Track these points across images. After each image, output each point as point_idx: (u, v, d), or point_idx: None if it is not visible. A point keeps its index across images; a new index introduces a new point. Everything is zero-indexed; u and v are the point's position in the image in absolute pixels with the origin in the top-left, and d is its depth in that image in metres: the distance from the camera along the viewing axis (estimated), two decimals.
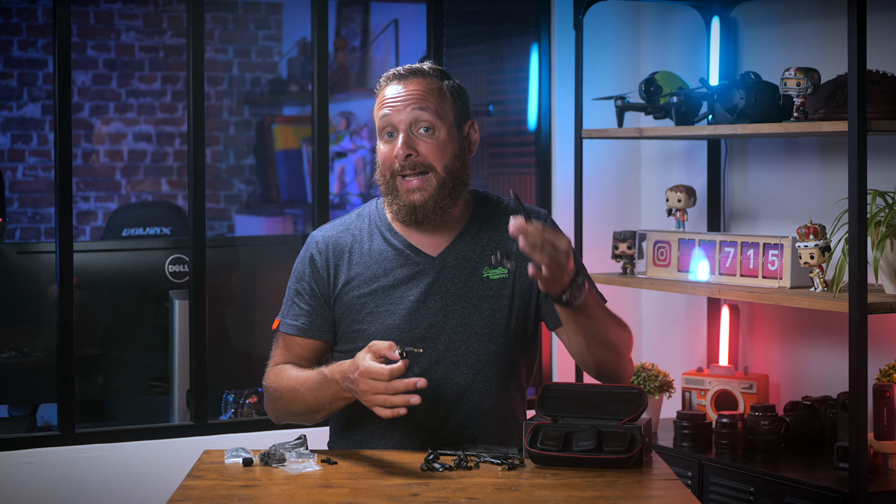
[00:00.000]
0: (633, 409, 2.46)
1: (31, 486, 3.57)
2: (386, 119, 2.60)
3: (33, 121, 6.36)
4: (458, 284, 2.61)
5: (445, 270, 2.62)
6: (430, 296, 2.60)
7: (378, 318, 2.60)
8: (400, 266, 2.62)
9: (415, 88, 2.61)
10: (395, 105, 2.59)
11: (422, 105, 2.59)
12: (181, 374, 3.76)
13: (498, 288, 2.62)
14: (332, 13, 6.11)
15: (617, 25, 4.37)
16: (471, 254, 2.64)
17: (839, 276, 3.24)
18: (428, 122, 2.59)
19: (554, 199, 4.33)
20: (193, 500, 2.21)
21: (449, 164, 2.60)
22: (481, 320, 2.60)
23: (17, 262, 3.71)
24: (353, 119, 6.25)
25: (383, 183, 2.62)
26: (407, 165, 2.57)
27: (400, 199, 2.60)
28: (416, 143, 2.58)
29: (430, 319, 2.59)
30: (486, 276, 2.63)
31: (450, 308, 2.60)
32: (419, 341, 2.57)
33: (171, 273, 3.80)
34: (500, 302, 2.62)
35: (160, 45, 6.51)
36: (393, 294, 2.61)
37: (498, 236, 2.66)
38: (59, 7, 3.60)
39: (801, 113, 3.31)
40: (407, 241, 2.64)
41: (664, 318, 4.36)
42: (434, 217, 2.60)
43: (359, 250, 2.65)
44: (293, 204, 6.43)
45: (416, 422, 2.56)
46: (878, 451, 3.26)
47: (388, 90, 2.62)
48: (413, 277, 2.61)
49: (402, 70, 2.64)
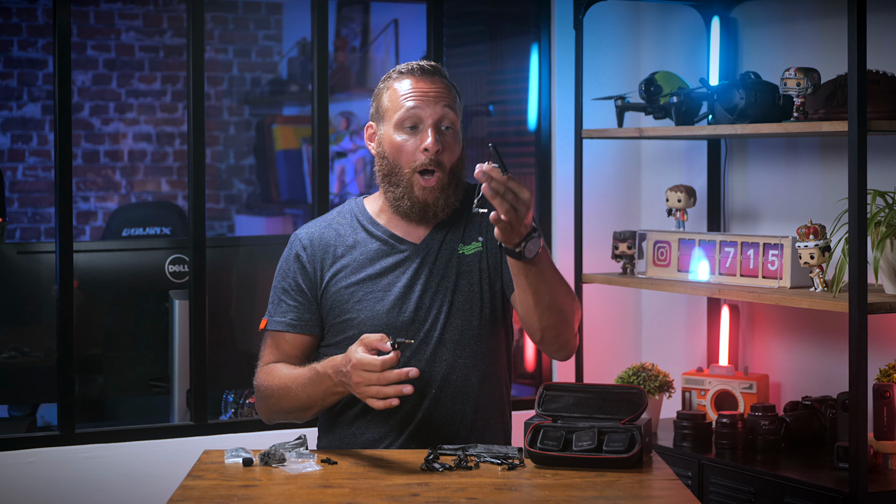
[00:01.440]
0: (633, 409, 2.46)
1: (31, 486, 3.57)
2: (413, 111, 2.61)
3: (33, 121, 6.36)
4: (441, 266, 2.66)
5: (429, 255, 2.66)
6: (417, 280, 2.64)
7: (367, 305, 2.63)
8: (385, 255, 2.66)
9: (441, 86, 2.65)
10: (426, 99, 2.62)
11: (449, 103, 2.63)
12: (181, 374, 3.76)
13: (474, 262, 2.67)
14: (332, 13, 6.11)
15: (617, 25, 4.37)
16: (451, 236, 2.68)
17: (839, 276, 3.24)
18: (451, 121, 2.63)
19: (554, 199, 4.33)
20: (193, 500, 2.21)
21: (456, 165, 2.64)
22: (462, 297, 2.65)
23: (17, 262, 3.71)
24: (353, 119, 6.25)
25: (395, 174, 2.63)
26: (433, 161, 2.60)
27: (413, 196, 2.62)
28: (442, 139, 2.62)
29: (417, 302, 2.62)
30: (462, 252, 2.67)
31: (435, 290, 2.64)
32: (407, 324, 2.61)
33: (171, 273, 3.80)
34: (476, 276, 2.66)
35: (160, 45, 6.51)
36: (380, 282, 2.64)
37: (472, 215, 2.68)
38: (59, 7, 3.60)
39: (801, 113, 3.31)
40: (390, 232, 2.68)
41: (664, 318, 4.36)
42: (441, 215, 2.65)
43: (343, 243, 2.68)
44: (293, 204, 6.43)
45: (407, 402, 2.57)
46: (878, 451, 3.26)
47: (413, 83, 2.64)
48: (399, 265, 2.65)
49: (427, 65, 2.66)
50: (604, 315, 4.35)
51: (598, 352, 4.28)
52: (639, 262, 3.95)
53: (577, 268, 3.92)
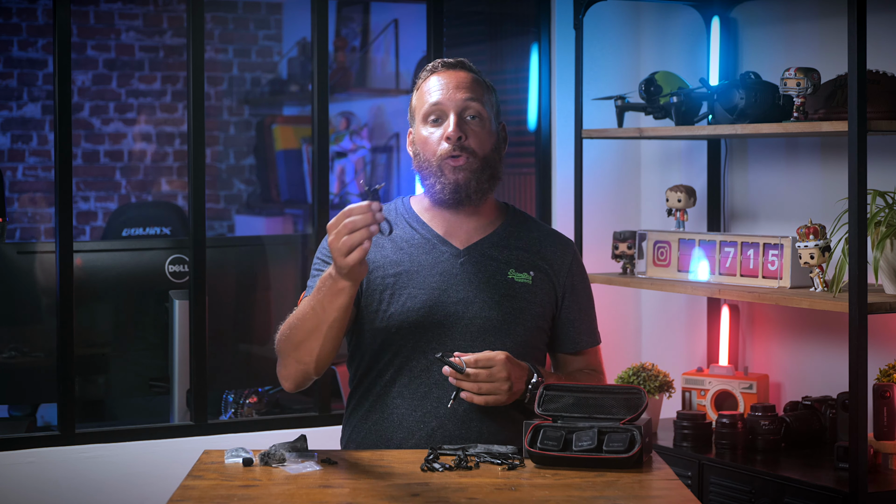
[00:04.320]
0: (633, 409, 2.46)
1: (31, 486, 3.57)
2: (436, 105, 2.64)
3: (33, 121, 6.36)
4: (482, 279, 2.65)
5: (469, 263, 2.65)
6: (453, 285, 2.63)
7: (399, 300, 2.62)
8: (425, 253, 2.65)
9: (465, 77, 2.67)
10: (447, 91, 2.64)
11: (472, 94, 2.65)
12: (181, 374, 3.76)
13: (521, 291, 2.66)
14: (332, 13, 6.11)
15: (617, 25, 4.37)
16: (498, 254, 2.68)
17: (839, 276, 3.24)
18: (476, 111, 2.65)
19: (554, 199, 4.33)
20: (193, 500, 2.21)
21: (489, 156, 2.65)
22: (501, 316, 2.63)
23: (17, 262, 3.71)
24: (353, 119, 6.25)
25: (426, 167, 2.65)
26: (456, 147, 2.61)
27: (444, 178, 2.63)
28: (465, 128, 2.63)
29: (451, 308, 2.62)
30: (511, 277, 2.67)
31: (471, 300, 2.63)
32: (438, 328, 2.60)
33: (171, 273, 3.80)
34: (522, 304, 2.66)
35: (160, 45, 6.51)
36: (416, 278, 2.63)
37: (529, 246, 2.71)
38: (59, 7, 3.60)
39: (801, 113, 3.31)
40: (434, 231, 2.68)
41: (664, 318, 4.36)
42: (476, 198, 2.65)
43: (383, 236, 2.66)
44: (293, 204, 6.43)
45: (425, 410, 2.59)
46: (878, 451, 3.26)
47: (436, 78, 2.67)
48: (437, 265, 2.65)
49: (450, 60, 2.70)
50: (604, 315, 4.33)
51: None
52: (639, 262, 3.95)
53: None
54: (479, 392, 2.50)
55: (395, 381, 2.63)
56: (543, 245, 2.73)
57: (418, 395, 2.61)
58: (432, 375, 2.60)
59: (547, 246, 2.73)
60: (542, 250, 2.72)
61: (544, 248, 2.73)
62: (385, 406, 2.64)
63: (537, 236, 2.74)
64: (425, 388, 2.61)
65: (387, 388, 2.64)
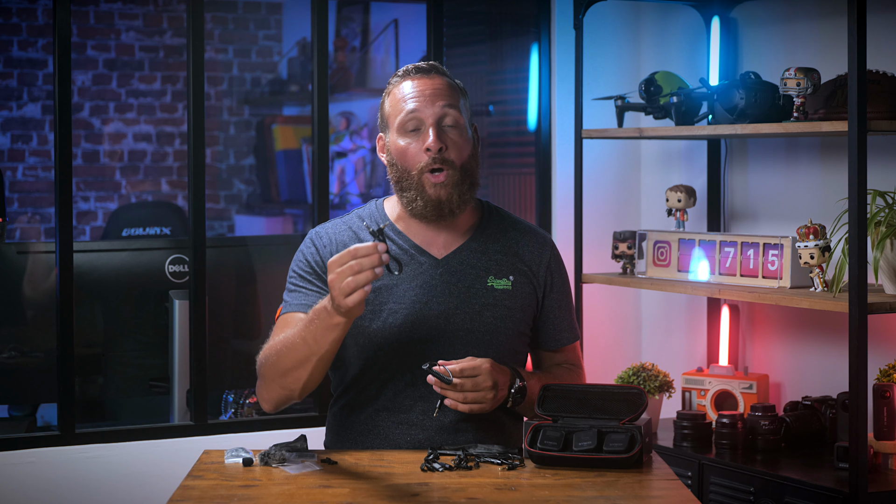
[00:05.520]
0: (633, 409, 2.46)
1: (31, 486, 3.57)
2: (412, 113, 2.57)
3: (33, 121, 6.36)
4: (462, 289, 2.61)
5: (449, 273, 2.62)
6: (433, 297, 2.60)
7: (380, 316, 2.59)
8: (403, 264, 2.60)
9: (440, 84, 2.60)
10: (424, 99, 2.57)
11: (449, 101, 2.58)
12: (181, 374, 3.76)
13: (501, 298, 2.63)
14: (332, 13, 6.11)
15: (617, 25, 4.37)
16: (476, 261, 2.64)
17: (839, 276, 3.24)
18: (454, 118, 2.58)
19: (554, 199, 4.33)
20: (193, 500, 2.21)
21: (467, 163, 2.60)
22: (483, 327, 2.60)
23: (17, 262, 3.71)
24: (353, 119, 6.25)
25: (405, 179, 2.59)
26: (438, 159, 2.55)
27: (425, 195, 2.57)
28: (444, 137, 2.57)
29: (433, 321, 2.58)
30: (491, 285, 2.63)
31: (452, 312, 2.59)
32: (421, 343, 2.57)
33: (171, 273, 3.80)
34: (503, 312, 2.62)
35: (160, 45, 6.51)
36: (395, 292, 2.59)
37: (506, 248, 2.67)
38: (59, 7, 3.60)
39: (801, 113, 3.31)
40: (411, 241, 2.63)
41: (664, 318, 4.36)
42: (458, 211, 2.60)
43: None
44: (293, 204, 6.43)
45: (411, 422, 2.58)
46: (878, 451, 3.26)
47: (411, 84, 2.60)
48: (416, 276, 2.61)
49: (424, 65, 2.63)
50: (604, 315, 4.35)
51: (598, 352, 4.28)
52: (639, 262, 3.95)
53: (577, 268, 3.92)
54: (465, 401, 2.48)
55: (379, 396, 2.61)
56: (521, 245, 2.69)
57: (403, 409, 2.59)
58: (417, 389, 2.58)
59: (524, 245, 2.69)
60: (520, 251, 2.68)
61: (522, 249, 2.69)
62: (369, 418, 2.62)
63: (514, 235, 2.69)
64: (410, 401, 2.59)
65: (371, 402, 2.62)
